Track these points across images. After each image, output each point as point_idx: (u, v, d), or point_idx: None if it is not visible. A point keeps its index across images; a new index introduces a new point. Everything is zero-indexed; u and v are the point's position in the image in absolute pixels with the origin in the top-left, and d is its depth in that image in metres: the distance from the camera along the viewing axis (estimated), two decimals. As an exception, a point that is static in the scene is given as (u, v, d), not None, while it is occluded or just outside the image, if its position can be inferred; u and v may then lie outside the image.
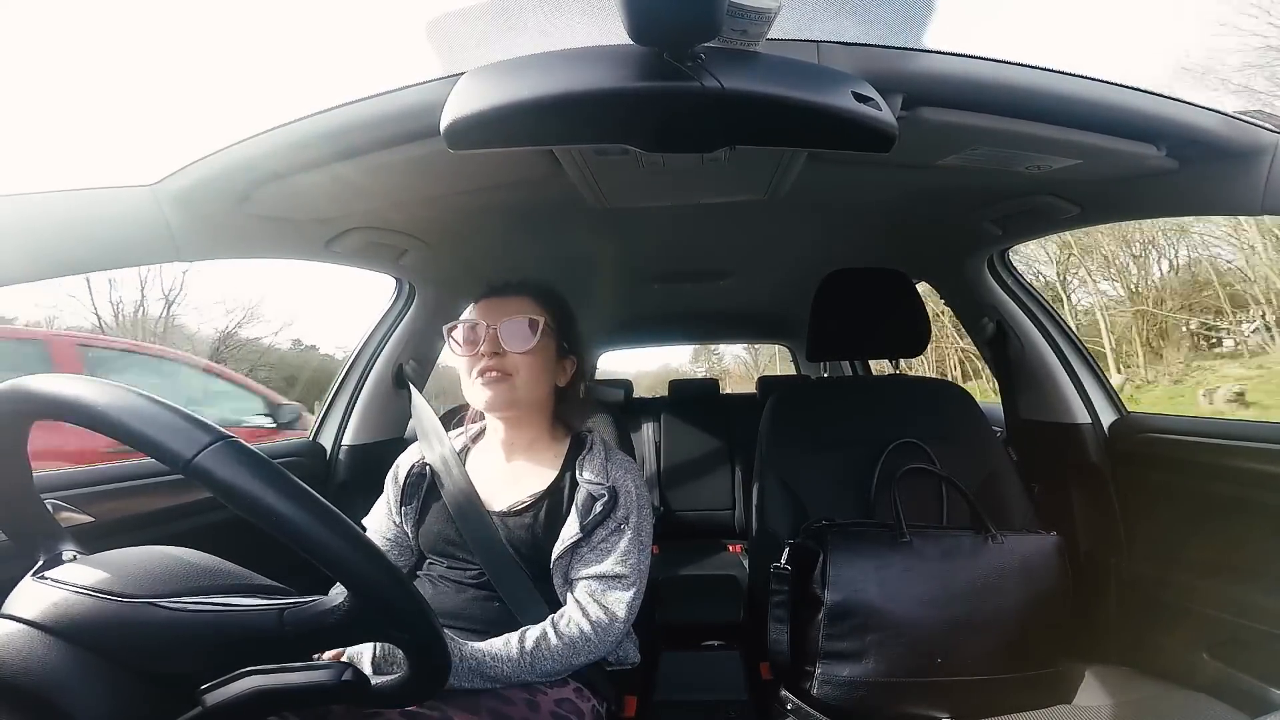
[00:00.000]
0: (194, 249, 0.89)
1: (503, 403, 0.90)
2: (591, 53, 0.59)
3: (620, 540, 0.88)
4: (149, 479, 1.02)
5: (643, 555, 0.90)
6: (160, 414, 0.42)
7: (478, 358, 0.89)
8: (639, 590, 0.88)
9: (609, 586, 0.86)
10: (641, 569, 0.89)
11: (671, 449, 2.49)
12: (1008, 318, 1.41)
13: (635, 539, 0.89)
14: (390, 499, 0.99)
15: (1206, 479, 1.08)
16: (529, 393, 0.91)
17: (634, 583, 0.88)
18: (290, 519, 0.42)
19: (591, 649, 0.83)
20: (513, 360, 0.89)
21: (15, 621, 0.45)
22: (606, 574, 0.86)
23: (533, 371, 0.90)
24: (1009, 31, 5.73)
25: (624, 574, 0.87)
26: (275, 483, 0.42)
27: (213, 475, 0.41)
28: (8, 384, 0.45)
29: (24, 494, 0.52)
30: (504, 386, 0.89)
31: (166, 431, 0.42)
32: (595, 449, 0.95)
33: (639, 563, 0.89)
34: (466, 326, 0.91)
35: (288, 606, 0.47)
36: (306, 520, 0.43)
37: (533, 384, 0.91)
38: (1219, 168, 0.80)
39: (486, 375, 0.88)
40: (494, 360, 0.88)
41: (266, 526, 0.42)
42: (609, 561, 0.87)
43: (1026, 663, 0.93)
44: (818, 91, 0.59)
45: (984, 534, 0.97)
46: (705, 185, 1.06)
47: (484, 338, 0.89)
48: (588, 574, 0.86)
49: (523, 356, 0.89)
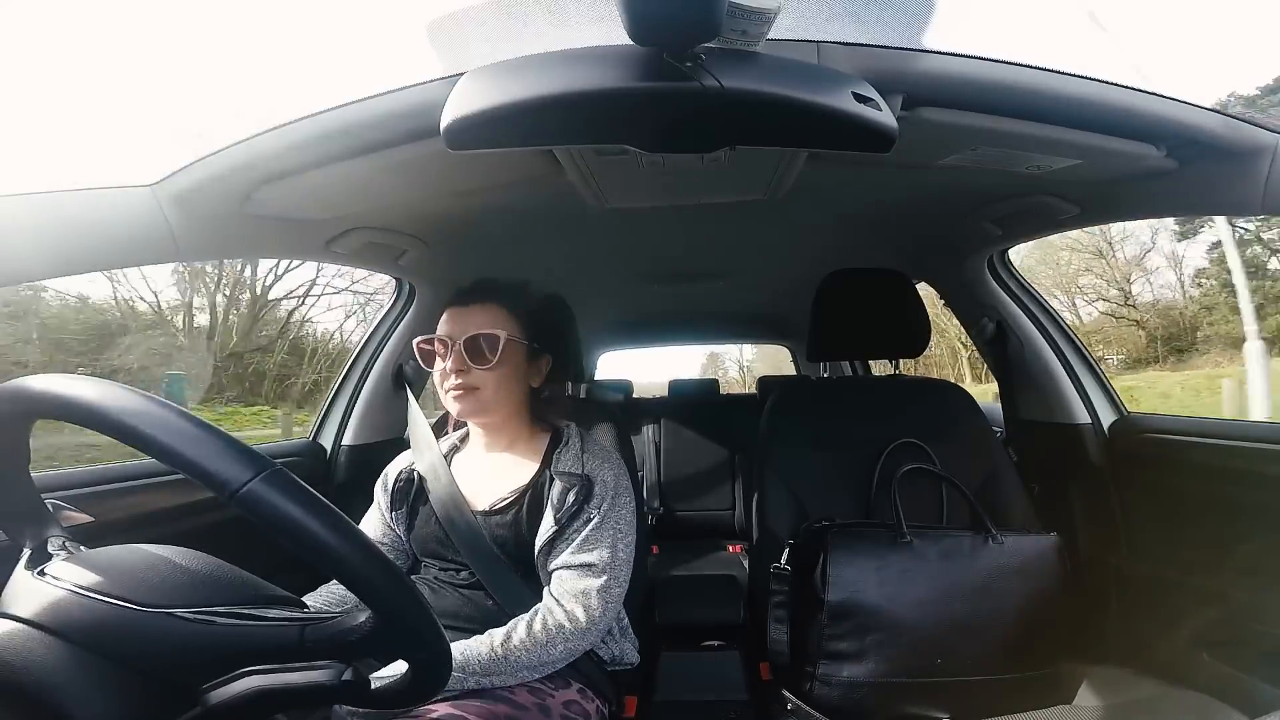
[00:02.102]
0: (194, 249, 0.89)
1: (472, 413, 0.93)
2: (591, 53, 0.59)
3: (592, 530, 0.87)
4: (149, 479, 1.02)
5: (620, 543, 0.88)
6: (208, 439, 0.42)
7: (445, 373, 0.91)
8: (614, 579, 0.86)
9: (580, 575, 0.85)
10: (617, 558, 0.87)
11: (672, 449, 2.48)
12: (1008, 318, 1.41)
13: (609, 528, 0.88)
14: (381, 505, 1.00)
15: (1206, 479, 1.08)
16: (498, 402, 0.93)
17: (604, 571, 0.85)
18: (331, 548, 0.43)
19: (567, 641, 0.82)
20: (477, 376, 0.90)
21: (19, 622, 0.45)
22: (576, 564, 0.85)
23: (498, 384, 0.91)
24: (1010, 32, 5.81)
25: (593, 563, 0.85)
26: (319, 513, 0.43)
27: (260, 505, 0.42)
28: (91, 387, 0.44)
29: (20, 487, 0.52)
30: (471, 399, 0.90)
31: (214, 459, 0.42)
32: (571, 442, 0.96)
33: (614, 551, 0.87)
34: (434, 342, 0.92)
35: (309, 623, 0.47)
36: (346, 549, 0.44)
37: (500, 394, 0.92)
38: (1219, 168, 0.80)
39: (454, 390, 0.90)
40: (459, 378, 0.90)
41: (302, 552, 0.43)
42: (582, 553, 0.86)
43: (1026, 663, 0.93)
44: (818, 92, 0.59)
45: (984, 534, 0.97)
46: (705, 185, 1.06)
47: (450, 353, 0.90)
48: (559, 565, 0.86)
49: (487, 372, 0.90)
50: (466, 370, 0.89)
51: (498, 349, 0.89)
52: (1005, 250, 1.40)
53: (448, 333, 0.91)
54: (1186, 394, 9.92)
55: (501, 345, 0.89)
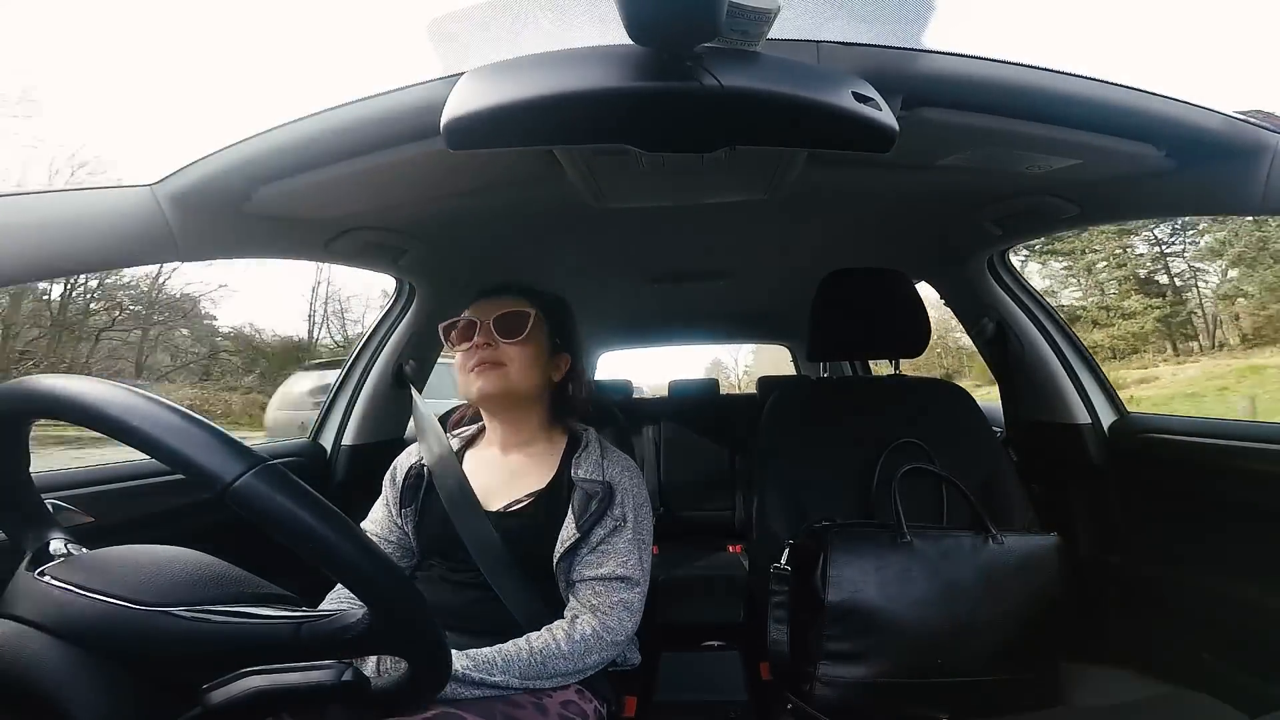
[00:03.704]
0: (194, 249, 0.89)
1: (495, 390, 0.92)
2: (591, 53, 0.59)
3: (620, 540, 0.88)
4: (150, 479, 1.02)
5: (644, 554, 0.90)
6: (200, 434, 0.42)
7: (472, 351, 0.92)
8: (644, 590, 0.89)
9: (614, 589, 0.86)
10: (645, 568, 0.90)
11: (672, 450, 2.48)
12: (1008, 318, 1.41)
13: (636, 538, 0.89)
14: (389, 500, 0.99)
15: (1206, 479, 1.08)
16: (522, 381, 0.93)
17: (638, 583, 0.88)
18: (326, 543, 0.43)
19: (604, 650, 0.84)
20: (505, 350, 0.91)
21: (20, 623, 0.45)
22: (611, 576, 0.86)
23: (524, 361, 0.92)
24: (1010, 31, 5.64)
25: (628, 575, 0.87)
26: (312, 509, 0.43)
27: (253, 501, 0.41)
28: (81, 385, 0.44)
29: (20, 487, 0.52)
30: (496, 374, 0.91)
31: (204, 453, 0.41)
32: (591, 447, 0.96)
33: (641, 562, 0.89)
34: (462, 323, 0.95)
35: (306, 621, 0.47)
36: (341, 544, 0.44)
37: (525, 373, 0.93)
38: (1219, 168, 0.80)
39: (480, 366, 0.91)
40: (487, 351, 0.91)
41: (298, 548, 0.42)
42: (613, 563, 0.87)
43: (1026, 663, 0.93)
44: (818, 91, 0.59)
45: (984, 534, 0.97)
46: (705, 185, 1.06)
47: (478, 330, 0.92)
48: (592, 576, 0.86)
49: (514, 346, 0.91)
50: (495, 345, 0.91)
51: (527, 325, 0.92)
52: (1005, 250, 1.40)
53: (476, 315, 0.94)
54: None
55: (531, 322, 0.92)
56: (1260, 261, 15.06)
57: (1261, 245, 14.91)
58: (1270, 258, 14.89)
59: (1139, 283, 16.97)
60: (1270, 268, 14.87)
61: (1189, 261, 16.66)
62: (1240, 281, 15.53)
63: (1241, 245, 15.25)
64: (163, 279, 14.23)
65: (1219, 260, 15.96)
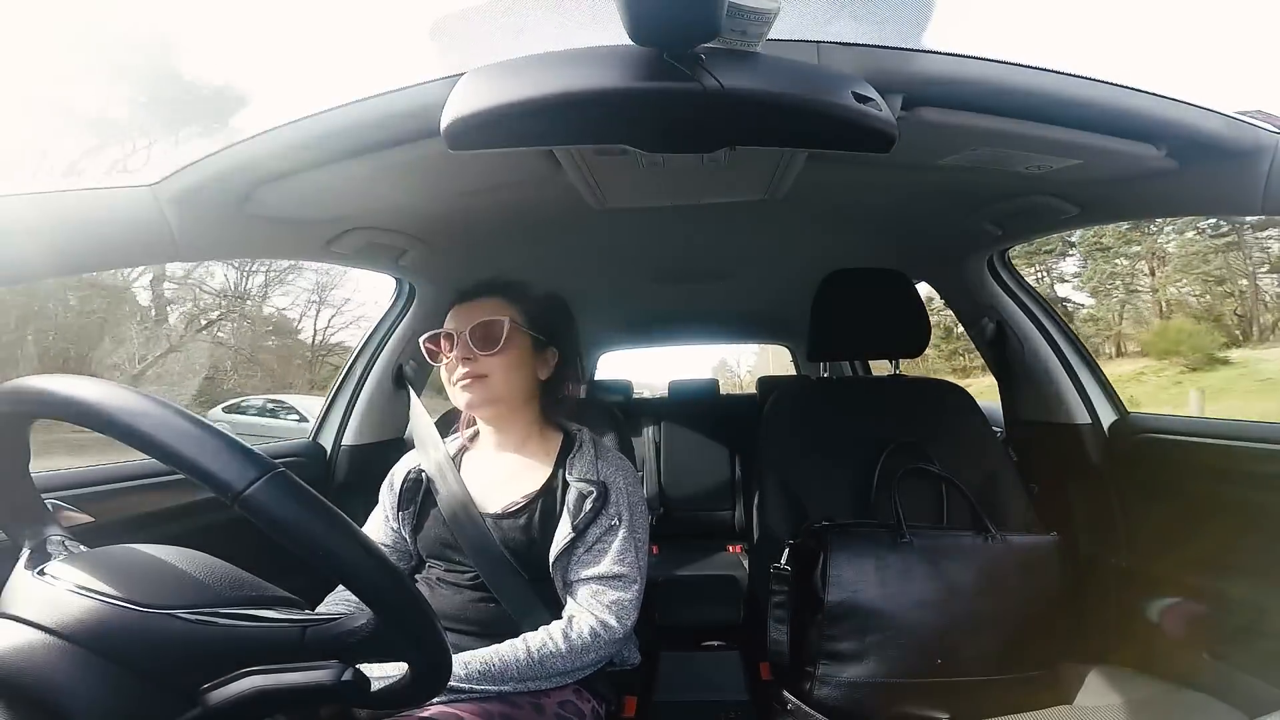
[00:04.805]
0: (194, 249, 0.89)
1: (481, 402, 0.92)
2: (592, 53, 0.59)
3: (615, 539, 0.89)
4: (149, 479, 1.02)
5: (640, 552, 0.91)
6: (210, 441, 0.42)
7: (452, 365, 0.92)
8: (640, 588, 0.89)
9: (611, 587, 0.86)
10: (641, 566, 0.90)
11: (671, 450, 2.48)
12: (1008, 318, 1.41)
13: (631, 537, 0.90)
14: (386, 506, 1.00)
15: (1206, 479, 1.08)
16: (505, 389, 0.93)
17: (634, 580, 0.88)
18: (333, 550, 0.43)
19: (600, 649, 0.84)
20: (484, 363, 0.91)
21: (19, 622, 0.45)
22: (607, 575, 0.86)
23: (506, 369, 0.92)
24: (1010, 31, 5.68)
25: (624, 573, 0.87)
26: (322, 516, 0.43)
27: (264, 508, 0.41)
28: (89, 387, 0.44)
29: (20, 487, 0.52)
30: (479, 386, 0.91)
31: (217, 460, 0.41)
32: (585, 447, 0.96)
33: (637, 560, 0.89)
34: (439, 337, 0.94)
35: (310, 624, 0.47)
36: (348, 551, 0.44)
37: (507, 381, 0.93)
38: (1219, 168, 0.80)
39: (463, 379, 0.91)
40: (467, 366, 0.91)
41: (305, 554, 0.43)
42: (608, 562, 0.87)
43: (1026, 663, 0.93)
44: (817, 91, 0.59)
45: (984, 534, 0.97)
46: (705, 185, 1.06)
47: (456, 343, 0.92)
48: (588, 575, 0.87)
49: (493, 358, 0.91)
50: (473, 358, 0.91)
51: (503, 334, 0.91)
52: (1005, 250, 1.40)
53: (453, 327, 0.93)
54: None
55: (506, 330, 0.91)
56: (1108, 292, 21.31)
57: (1109, 275, 21.07)
58: (1116, 288, 21.06)
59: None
60: (1110, 295, 21.34)
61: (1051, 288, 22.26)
62: (1095, 310, 21.74)
63: (1096, 280, 21.48)
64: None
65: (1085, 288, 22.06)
